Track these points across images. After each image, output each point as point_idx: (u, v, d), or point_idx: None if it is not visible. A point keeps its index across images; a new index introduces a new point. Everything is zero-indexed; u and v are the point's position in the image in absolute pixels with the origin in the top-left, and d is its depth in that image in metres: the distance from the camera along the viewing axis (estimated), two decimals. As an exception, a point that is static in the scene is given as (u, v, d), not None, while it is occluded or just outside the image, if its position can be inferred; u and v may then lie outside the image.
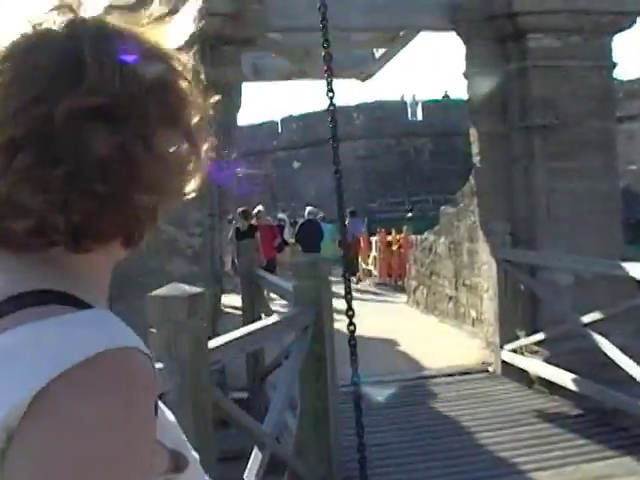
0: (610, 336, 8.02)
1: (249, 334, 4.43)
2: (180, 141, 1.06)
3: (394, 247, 21.28)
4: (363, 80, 12.85)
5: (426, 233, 15.73)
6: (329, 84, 5.27)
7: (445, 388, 8.65)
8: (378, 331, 12.56)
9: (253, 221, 17.03)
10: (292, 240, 22.21)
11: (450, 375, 9.19)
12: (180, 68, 1.08)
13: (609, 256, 8.73)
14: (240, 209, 16.50)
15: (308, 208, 21.27)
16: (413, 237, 17.30)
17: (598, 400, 7.22)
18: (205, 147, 1.12)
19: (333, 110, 5.16)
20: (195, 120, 1.09)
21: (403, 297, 17.38)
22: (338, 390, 5.75)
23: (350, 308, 5.10)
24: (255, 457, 4.39)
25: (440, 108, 39.02)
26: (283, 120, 43.91)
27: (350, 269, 19.34)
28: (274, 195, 39.53)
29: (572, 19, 8.73)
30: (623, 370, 6.76)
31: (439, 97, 41.36)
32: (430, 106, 39.70)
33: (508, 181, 9.15)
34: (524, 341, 8.66)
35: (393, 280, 21.08)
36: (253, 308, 8.32)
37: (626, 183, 27.52)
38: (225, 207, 8.83)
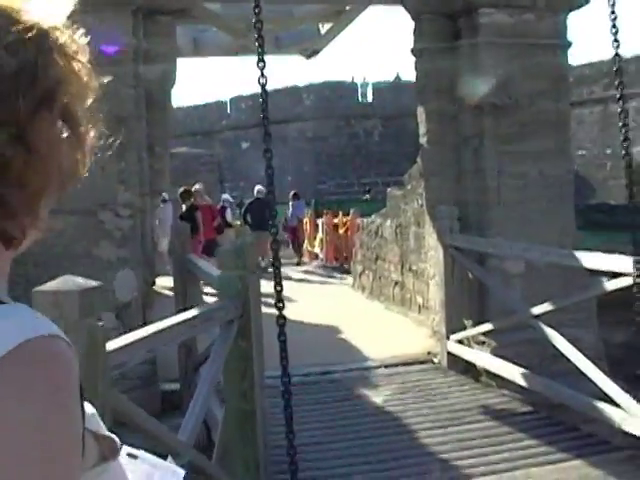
0: (562, 327, 7.73)
1: (158, 332, 3.90)
2: (58, 129, 1.00)
3: (341, 230, 20.82)
4: (308, 57, 12.32)
5: (373, 216, 15.30)
6: (259, 54, 4.77)
7: (387, 380, 8.21)
8: (320, 317, 12.14)
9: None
10: (237, 222, 21.87)
11: (393, 366, 8.75)
12: (58, 47, 1.00)
13: (561, 243, 8.41)
14: (180, 189, 15.91)
15: (257, 187, 21.14)
16: (359, 220, 16.86)
17: (547, 395, 6.84)
18: (92, 133, 1.06)
19: (264, 85, 4.65)
20: (78, 103, 1.03)
21: (349, 281, 16.92)
22: (265, 389, 5.22)
23: (280, 300, 4.59)
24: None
25: (391, 90, 38.65)
26: (232, 100, 43.20)
27: (295, 252, 19.23)
28: (222, 175, 38.98)
29: (525, -6, 8.32)
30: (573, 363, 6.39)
31: (390, 78, 40.83)
32: (381, 88, 39.29)
33: (457, 163, 8.73)
34: (471, 331, 8.26)
35: (339, 263, 20.62)
36: (185, 295, 7.78)
37: (575, 168, 27.49)
38: (158, 187, 8.27)
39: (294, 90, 39.81)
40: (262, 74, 4.66)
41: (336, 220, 21.51)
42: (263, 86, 4.59)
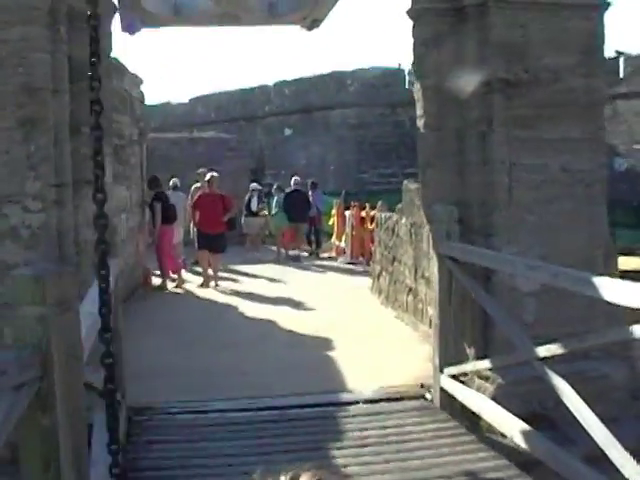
0: (586, 360, 6.16)
1: None
2: None
3: (368, 224, 19.09)
4: (309, 28, 10.60)
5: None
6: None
7: (359, 422, 6.50)
8: (317, 327, 10.59)
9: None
10: (264, 211, 21.05)
11: (374, 402, 7.08)
12: None
13: (589, 256, 6.76)
14: (149, 177, 14.74)
15: (294, 178, 21.04)
16: (379, 214, 15.17)
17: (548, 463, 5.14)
18: None
19: (95, 37, 3.03)
20: None
21: (369, 282, 15.24)
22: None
23: (108, 353, 2.95)
24: None
25: (439, 76, 36.77)
26: (275, 84, 41.93)
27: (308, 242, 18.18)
28: (261, 162, 37.78)
29: (550, -62, 6.56)
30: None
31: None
32: (429, 74, 37.45)
33: (459, 153, 7.01)
34: (467, 366, 6.57)
35: (366, 260, 18.94)
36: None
37: (632, 164, 25.43)
38: (84, 175, 6.67)
39: (338, 75, 38.46)
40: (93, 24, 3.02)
41: (363, 214, 19.82)
42: (94, 39, 2.96)
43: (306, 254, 20.83)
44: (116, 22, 8.33)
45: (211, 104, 42.99)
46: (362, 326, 10.86)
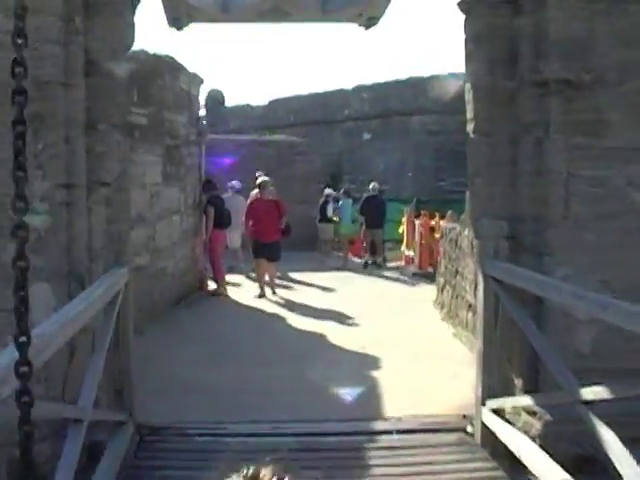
0: None
1: None
2: None
3: (437, 233, 18.37)
4: (367, 27, 9.98)
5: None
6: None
7: (388, 456, 5.82)
8: (367, 343, 9.97)
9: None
10: (335, 218, 20.79)
11: (409, 432, 6.40)
12: None
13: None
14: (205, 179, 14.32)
15: (372, 184, 21.08)
16: (444, 224, 14.48)
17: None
18: None
19: (20, 14, 2.46)
20: None
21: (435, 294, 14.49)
22: None
23: (26, 390, 2.38)
24: None
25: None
26: (354, 89, 41.48)
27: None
28: (338, 167, 37.36)
29: None
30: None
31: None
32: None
33: (512, 161, 6.29)
34: (509, 401, 5.85)
35: (434, 271, 18.21)
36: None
37: None
38: (99, 176, 6.18)
39: (418, 81, 37.78)
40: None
41: (433, 223, 19.12)
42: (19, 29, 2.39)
43: (370, 261, 20.31)
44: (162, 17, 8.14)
45: (290, 107, 42.70)
46: (415, 343, 10.19)
